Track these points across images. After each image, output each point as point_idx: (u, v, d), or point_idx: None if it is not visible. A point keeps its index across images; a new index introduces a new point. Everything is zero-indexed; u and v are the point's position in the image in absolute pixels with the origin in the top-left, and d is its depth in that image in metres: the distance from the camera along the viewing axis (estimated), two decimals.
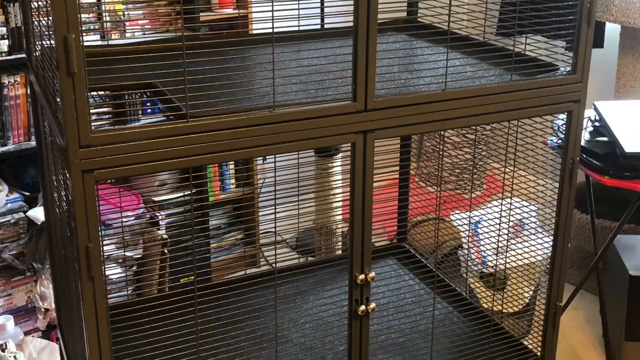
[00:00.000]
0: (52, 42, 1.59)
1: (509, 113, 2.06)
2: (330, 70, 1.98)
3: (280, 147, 1.80)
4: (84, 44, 1.54)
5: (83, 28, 1.54)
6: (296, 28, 2.25)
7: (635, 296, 3.19)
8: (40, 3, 1.85)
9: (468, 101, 1.97)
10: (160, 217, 3.56)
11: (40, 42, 1.97)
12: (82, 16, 1.65)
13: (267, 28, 1.76)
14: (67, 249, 1.92)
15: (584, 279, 3.22)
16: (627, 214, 2.95)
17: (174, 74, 1.72)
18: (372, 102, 1.85)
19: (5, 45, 3.28)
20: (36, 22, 2.01)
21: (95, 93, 2.12)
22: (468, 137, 4.15)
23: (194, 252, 1.88)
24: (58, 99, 1.62)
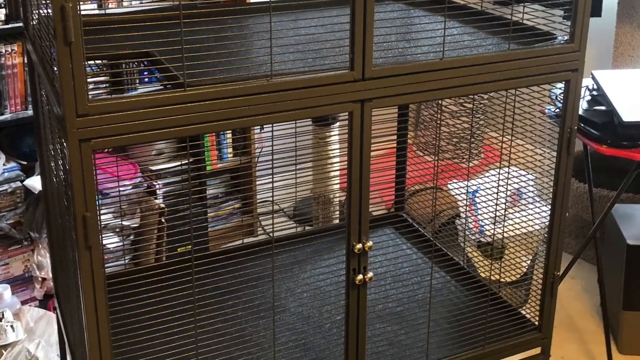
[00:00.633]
0: (50, 11, 1.58)
1: (507, 82, 2.05)
2: (327, 39, 1.97)
3: (277, 116, 1.80)
4: (81, 13, 1.53)
5: None
6: None
7: (632, 265, 3.20)
8: None
9: (466, 70, 1.96)
10: (157, 186, 3.56)
11: (37, 11, 1.96)
12: None
13: None
14: (64, 218, 1.92)
15: (582, 248, 3.23)
16: (625, 183, 2.95)
17: (171, 43, 1.71)
18: (370, 71, 1.84)
19: (2, 14, 3.26)
20: None
21: (92, 62, 2.12)
22: (466, 106, 4.14)
23: (191, 222, 1.88)
24: (55, 68, 1.61)
